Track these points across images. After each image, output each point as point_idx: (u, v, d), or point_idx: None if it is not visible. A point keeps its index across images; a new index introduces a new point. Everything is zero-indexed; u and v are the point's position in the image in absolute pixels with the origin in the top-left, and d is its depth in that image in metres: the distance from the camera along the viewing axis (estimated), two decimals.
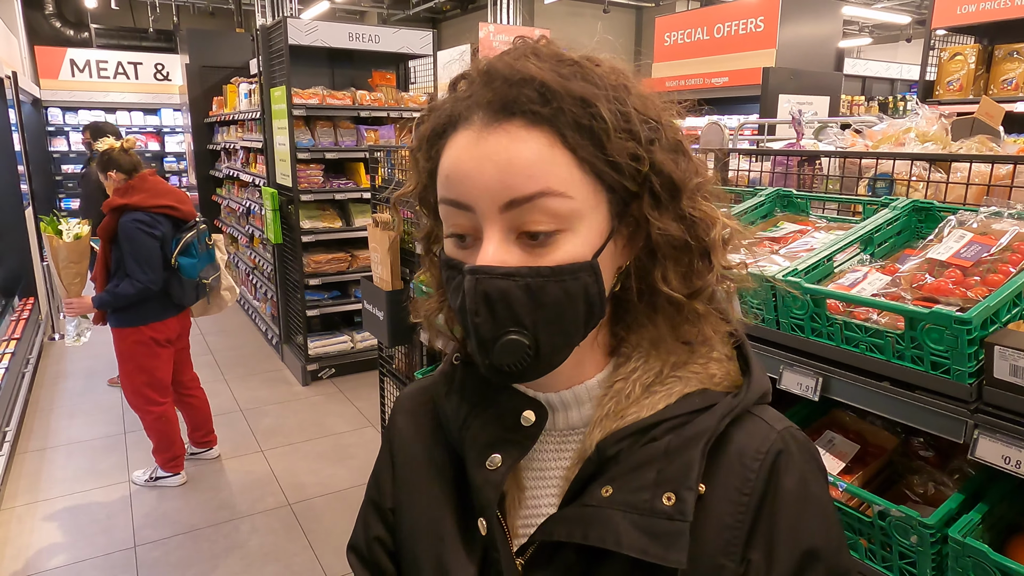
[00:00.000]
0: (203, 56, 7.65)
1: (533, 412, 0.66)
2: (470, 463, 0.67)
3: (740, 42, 6.51)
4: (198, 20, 12.91)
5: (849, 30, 11.21)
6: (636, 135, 0.58)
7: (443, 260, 0.63)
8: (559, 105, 0.56)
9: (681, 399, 0.63)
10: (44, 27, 11.24)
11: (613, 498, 0.60)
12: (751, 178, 2.19)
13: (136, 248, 3.11)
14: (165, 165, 10.73)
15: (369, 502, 0.81)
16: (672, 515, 0.58)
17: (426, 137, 0.63)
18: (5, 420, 3.86)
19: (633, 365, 0.65)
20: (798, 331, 1.31)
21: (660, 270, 0.62)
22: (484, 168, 0.56)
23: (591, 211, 0.58)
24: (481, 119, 0.58)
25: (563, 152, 0.57)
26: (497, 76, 0.58)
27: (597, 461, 0.62)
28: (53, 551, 3.04)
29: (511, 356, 0.58)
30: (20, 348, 4.68)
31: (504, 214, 0.56)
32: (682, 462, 0.60)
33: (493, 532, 0.65)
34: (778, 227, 1.69)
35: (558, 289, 0.57)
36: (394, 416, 0.81)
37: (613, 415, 0.64)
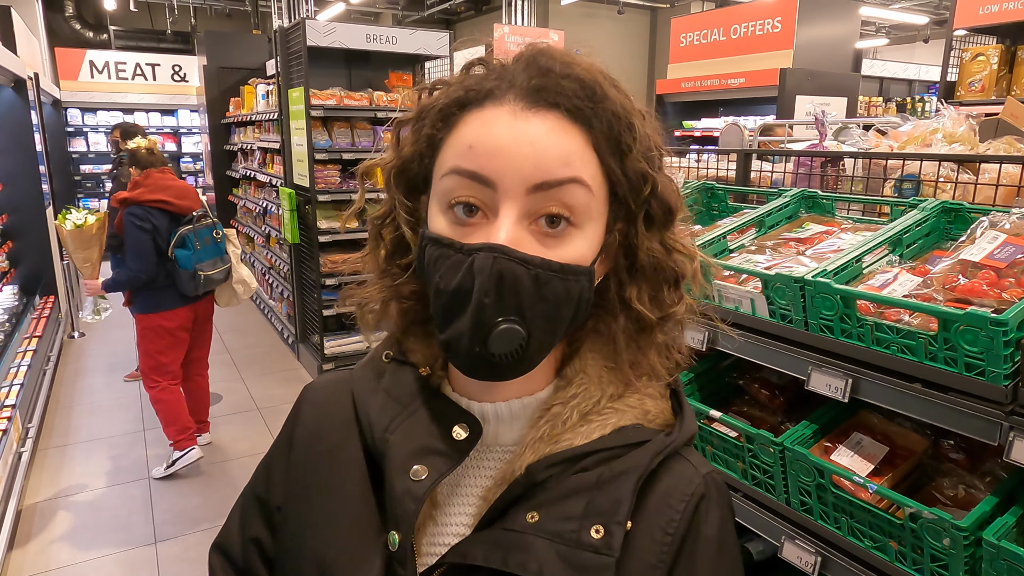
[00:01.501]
0: (220, 57, 7.72)
1: (467, 425, 0.64)
2: (392, 470, 0.62)
3: (757, 43, 6.47)
4: (215, 22, 13.02)
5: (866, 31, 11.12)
6: (650, 159, 0.62)
7: (430, 238, 0.60)
8: (602, 107, 0.59)
9: (615, 431, 0.63)
10: (64, 29, 11.38)
11: (539, 525, 0.59)
12: (773, 179, 2.19)
13: (128, 239, 3.37)
14: (182, 165, 10.81)
15: (252, 497, 0.74)
16: (599, 548, 0.57)
17: (438, 107, 0.62)
18: (28, 416, 3.91)
19: (574, 391, 0.65)
20: (827, 332, 1.30)
21: (637, 290, 0.64)
22: (521, 148, 0.57)
23: (599, 216, 0.61)
24: (518, 101, 0.59)
25: (592, 152, 0.59)
26: (545, 65, 0.60)
27: (524, 484, 0.61)
28: (75, 546, 3.08)
29: (506, 346, 0.57)
30: (41, 346, 4.74)
31: (528, 196, 0.57)
32: (613, 496, 0.59)
33: (405, 548, 0.61)
34: (803, 228, 1.69)
35: (561, 287, 0.58)
36: (299, 407, 0.75)
37: (547, 439, 0.62)
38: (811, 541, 1.37)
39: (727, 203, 2.04)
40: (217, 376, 5.12)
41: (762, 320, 1.43)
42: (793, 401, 1.67)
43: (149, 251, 3.36)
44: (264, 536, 0.72)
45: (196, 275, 3.48)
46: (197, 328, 3.73)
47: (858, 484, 1.24)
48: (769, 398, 1.67)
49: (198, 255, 3.47)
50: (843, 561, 1.31)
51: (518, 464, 0.62)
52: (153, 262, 3.38)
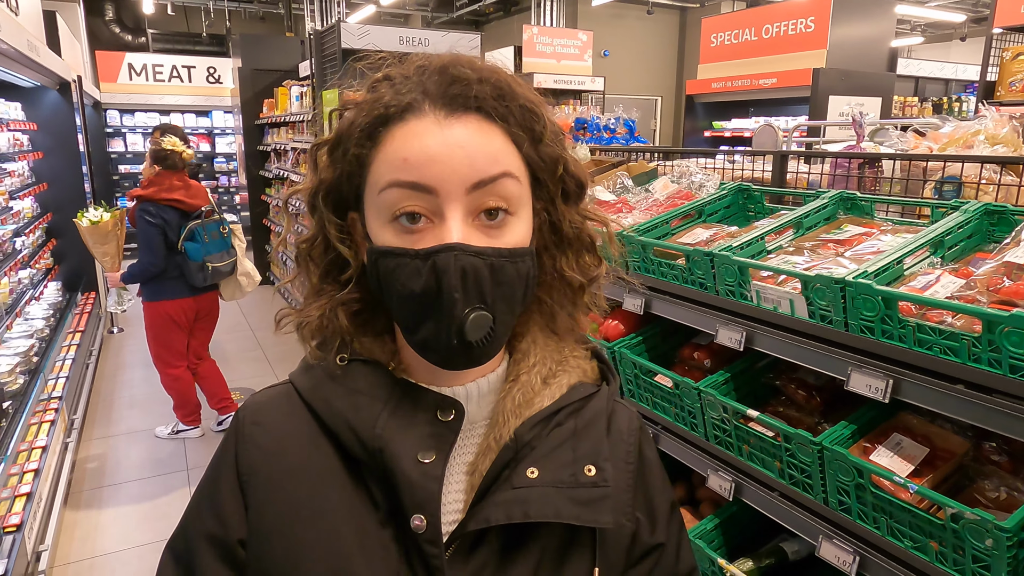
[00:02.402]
0: (254, 60, 7.86)
1: (451, 407, 0.69)
2: (399, 460, 0.64)
3: (789, 43, 6.41)
4: (249, 25, 13.25)
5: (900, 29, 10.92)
6: (559, 141, 0.69)
7: (381, 251, 0.63)
8: (512, 104, 0.65)
9: (570, 389, 0.73)
10: (104, 32, 11.68)
11: (541, 478, 0.66)
12: (810, 181, 2.18)
13: (140, 233, 3.61)
14: (215, 165, 11.03)
15: (203, 539, 0.68)
16: (597, 483, 0.67)
17: (359, 126, 0.65)
18: (73, 408, 4.04)
19: (533, 360, 0.73)
20: (867, 333, 1.31)
21: (566, 259, 0.73)
22: (453, 153, 0.61)
23: (527, 201, 0.67)
24: (439, 110, 0.63)
25: (511, 145, 0.65)
26: (456, 73, 0.64)
27: (515, 447, 0.67)
28: (118, 534, 3.18)
29: (480, 331, 0.62)
30: (84, 340, 4.89)
31: (468, 195, 0.62)
32: (592, 439, 0.70)
33: (435, 528, 0.64)
34: (842, 230, 1.69)
35: (512, 269, 0.64)
36: (243, 430, 0.72)
37: (524, 404, 0.70)
38: (849, 540, 1.38)
39: (763, 204, 2.04)
40: (250, 371, 5.23)
41: (801, 320, 1.44)
42: (829, 402, 1.67)
43: (159, 244, 3.62)
44: None
45: (205, 267, 3.74)
46: (200, 319, 3.98)
47: (898, 484, 1.25)
48: (806, 399, 1.67)
49: (207, 248, 3.73)
50: (882, 561, 1.32)
51: (504, 431, 0.68)
52: (163, 254, 3.64)
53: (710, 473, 1.73)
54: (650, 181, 2.30)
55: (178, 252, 3.67)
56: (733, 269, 1.57)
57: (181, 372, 3.96)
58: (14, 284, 4.24)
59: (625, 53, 11.67)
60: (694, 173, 2.21)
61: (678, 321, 1.83)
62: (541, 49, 8.83)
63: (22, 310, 4.15)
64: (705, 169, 2.35)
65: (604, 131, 3.56)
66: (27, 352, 3.87)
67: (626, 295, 1.97)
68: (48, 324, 4.63)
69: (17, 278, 4.37)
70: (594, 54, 9.61)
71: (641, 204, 2.18)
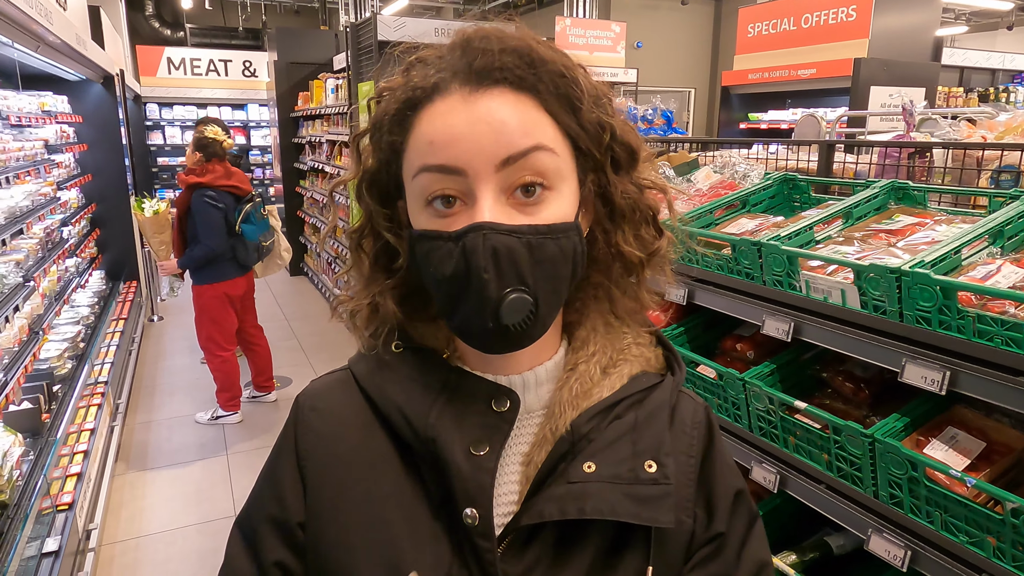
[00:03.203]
0: (289, 53, 7.96)
1: (505, 396, 0.66)
2: (452, 451, 0.63)
3: (830, 32, 6.27)
4: (284, 19, 13.41)
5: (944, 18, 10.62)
6: (602, 106, 0.64)
7: (418, 235, 0.62)
8: (543, 71, 0.61)
9: (632, 380, 0.69)
10: (144, 27, 11.93)
11: (598, 472, 0.63)
12: (857, 171, 2.14)
13: (206, 218, 3.80)
14: (251, 158, 11.21)
15: (266, 522, 0.69)
16: (657, 479, 0.63)
17: (390, 113, 0.64)
18: (117, 393, 4.16)
19: (592, 348, 0.69)
20: (923, 324, 1.28)
21: (621, 234, 0.68)
22: (478, 129, 0.58)
23: (569, 174, 0.63)
24: (464, 86, 0.60)
25: (546, 115, 0.61)
26: (481, 46, 0.61)
27: (571, 439, 0.64)
28: (161, 516, 3.27)
29: (518, 314, 0.59)
30: (127, 328, 5.02)
31: (498, 173, 0.58)
32: (653, 433, 0.66)
33: (487, 521, 0.62)
34: (893, 220, 1.65)
35: (554, 246, 0.60)
36: (301, 416, 0.72)
37: (581, 395, 0.67)
38: (900, 535, 1.35)
39: (809, 194, 2.01)
40: (286, 360, 5.31)
41: (852, 311, 1.42)
42: (877, 395, 1.65)
43: (222, 227, 3.85)
44: (288, 558, 0.67)
45: (260, 247, 4.07)
46: (247, 297, 4.22)
47: (954, 478, 1.23)
48: (854, 391, 1.65)
49: (259, 227, 4.03)
50: (934, 555, 1.29)
51: (560, 422, 0.65)
52: (225, 237, 3.87)
53: (754, 465, 1.72)
54: (692, 171, 2.28)
55: (234, 234, 3.90)
56: (782, 259, 1.55)
57: (230, 356, 4.13)
58: (61, 272, 4.37)
59: (658, 44, 11.53)
60: (737, 163, 2.18)
61: (722, 311, 1.81)
62: (574, 41, 8.77)
63: (69, 297, 4.27)
64: (749, 159, 2.31)
65: (641, 122, 3.53)
66: (74, 338, 3.99)
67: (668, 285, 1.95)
68: (93, 311, 4.76)
69: (64, 266, 4.50)
70: (627, 46, 9.52)
71: (683, 194, 2.16)
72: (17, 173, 3.54)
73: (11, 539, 2.14)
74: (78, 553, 2.63)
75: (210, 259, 3.86)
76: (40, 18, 3.19)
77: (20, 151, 3.79)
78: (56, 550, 2.41)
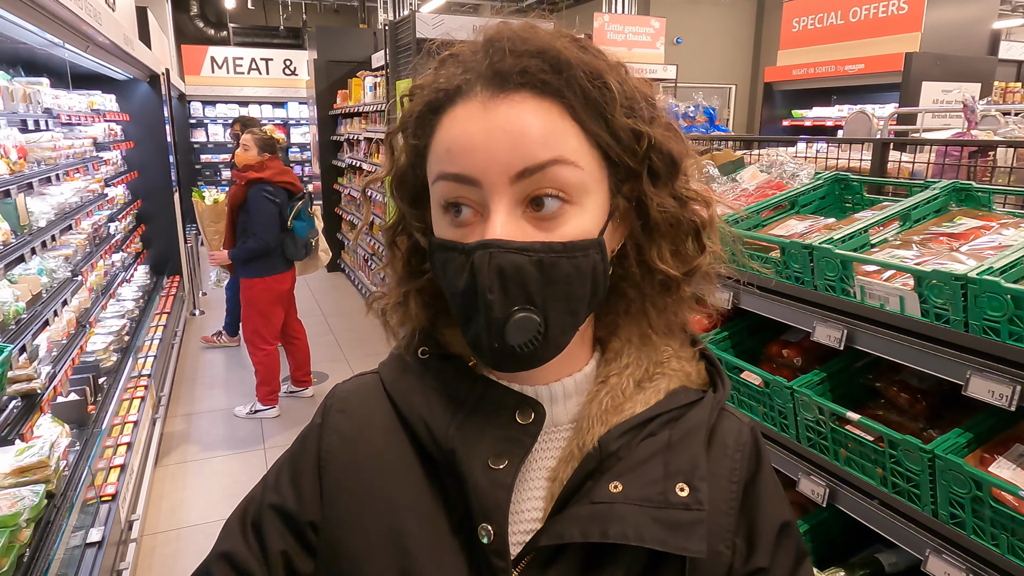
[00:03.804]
0: (329, 52, 8.04)
1: (530, 408, 0.63)
2: (469, 465, 0.60)
3: (880, 26, 6.07)
4: (324, 18, 13.58)
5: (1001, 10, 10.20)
6: (638, 112, 0.59)
7: (436, 244, 0.61)
8: (569, 75, 0.56)
9: (669, 395, 0.64)
10: (189, 27, 12.19)
11: (625, 493, 0.59)
12: (913, 171, 2.05)
13: (261, 212, 3.91)
14: (290, 155, 11.39)
15: (272, 509, 0.66)
16: (689, 505, 0.59)
17: (415, 114, 0.61)
18: (160, 385, 4.25)
19: (626, 360, 0.65)
20: (991, 334, 1.20)
21: (656, 249, 0.63)
22: (494, 138, 0.55)
23: (596, 186, 0.58)
24: (485, 90, 0.57)
25: (572, 123, 0.57)
26: (502, 47, 0.58)
27: (599, 457, 0.61)
28: (200, 508, 3.33)
29: (523, 335, 0.56)
30: (170, 321, 5.13)
31: (514, 185, 0.55)
32: (688, 454, 0.61)
33: (502, 539, 0.59)
34: (955, 223, 1.57)
35: (569, 266, 0.56)
36: (328, 416, 0.70)
37: (611, 410, 0.63)
38: (961, 557, 1.28)
39: (862, 195, 1.93)
40: (322, 356, 5.37)
41: (912, 319, 1.35)
42: (935, 407, 1.57)
43: (276, 222, 3.96)
44: (295, 553, 0.65)
45: (308, 243, 4.16)
46: (291, 292, 4.32)
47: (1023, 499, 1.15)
48: (910, 402, 1.57)
49: (308, 224, 4.13)
50: None
51: (587, 438, 0.62)
52: (278, 232, 3.98)
53: (801, 477, 1.65)
54: (737, 171, 2.21)
55: (284, 230, 4.02)
56: (835, 263, 1.48)
57: (274, 350, 4.23)
58: (108, 267, 4.48)
59: (698, 40, 11.35)
60: (785, 162, 2.10)
61: (769, 317, 1.75)
62: (612, 37, 8.67)
63: (115, 291, 4.37)
64: (796, 158, 2.23)
65: (683, 119, 3.45)
66: (120, 331, 4.08)
67: None
68: (138, 305, 4.88)
69: (111, 261, 4.61)
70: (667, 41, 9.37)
71: (728, 194, 2.09)
72: (67, 170, 3.63)
73: (57, 528, 2.19)
74: (120, 543, 2.69)
75: (262, 253, 3.96)
76: (89, 19, 3.26)
77: (70, 149, 3.89)
78: (99, 540, 2.47)
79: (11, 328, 2.43)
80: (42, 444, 2.47)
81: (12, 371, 2.43)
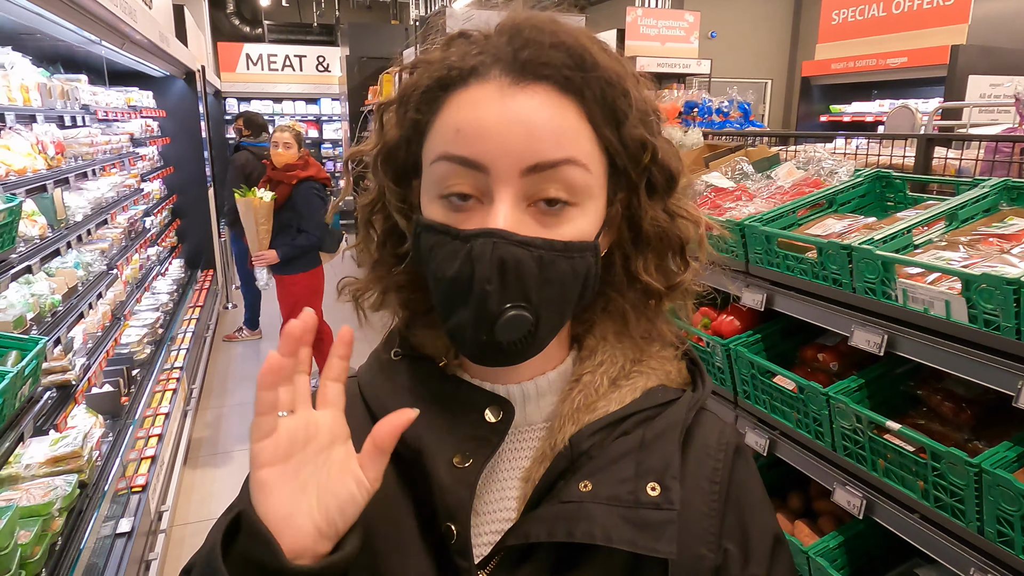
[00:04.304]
0: (361, 48, 8.09)
1: (499, 407, 0.62)
2: (434, 464, 0.60)
3: (924, 18, 5.86)
4: (356, 15, 13.68)
5: None
6: (648, 124, 0.59)
7: (425, 225, 0.58)
8: (593, 76, 0.56)
9: (645, 394, 0.64)
10: (225, 25, 12.40)
11: (594, 492, 0.58)
12: (960, 168, 1.95)
13: (312, 209, 3.95)
14: (322, 151, 11.50)
15: None
16: (659, 504, 0.57)
17: (420, 89, 0.59)
18: (192, 378, 4.32)
19: (600, 358, 0.65)
20: None
21: (643, 261, 0.63)
22: (511, 128, 0.54)
23: (599, 190, 0.58)
24: (504, 76, 0.55)
25: (587, 125, 0.56)
26: (529, 35, 0.56)
27: (570, 456, 0.60)
28: (229, 501, 3.34)
29: (515, 332, 0.55)
30: (203, 315, 5.21)
31: (523, 179, 0.54)
32: (660, 453, 0.60)
33: (464, 538, 0.58)
34: (1006, 223, 1.49)
35: (566, 266, 0.56)
36: None
37: (584, 408, 0.62)
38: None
39: (905, 193, 1.84)
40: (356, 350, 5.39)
41: (958, 325, 1.28)
42: (981, 417, 1.49)
43: (323, 218, 4.00)
44: None
45: (341, 234, 4.28)
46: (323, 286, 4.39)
47: None
48: (954, 411, 1.49)
49: (337, 217, 4.24)
50: None
51: (559, 437, 0.61)
52: (325, 227, 4.07)
53: (836, 487, 1.59)
54: (772, 167, 2.14)
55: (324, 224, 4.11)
56: (876, 264, 1.41)
57: None
58: (143, 260, 4.56)
59: (733, 34, 11.13)
60: (823, 159, 2.03)
61: (804, 319, 1.68)
62: (645, 32, 8.56)
63: (150, 285, 4.45)
64: (835, 154, 2.15)
65: (716, 114, 3.37)
66: (154, 324, 4.15)
67: (745, 289, 1.84)
68: (172, 298, 4.96)
69: (146, 255, 4.70)
70: (701, 35, 9.22)
71: (763, 192, 2.02)
72: (103, 165, 3.70)
73: (88, 518, 2.22)
74: (150, 534, 2.73)
75: (309, 249, 4.04)
76: (125, 16, 3.31)
77: (107, 144, 3.97)
78: (129, 530, 2.51)
79: (47, 320, 2.48)
80: (76, 434, 2.52)
81: (47, 363, 2.48)
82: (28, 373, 1.87)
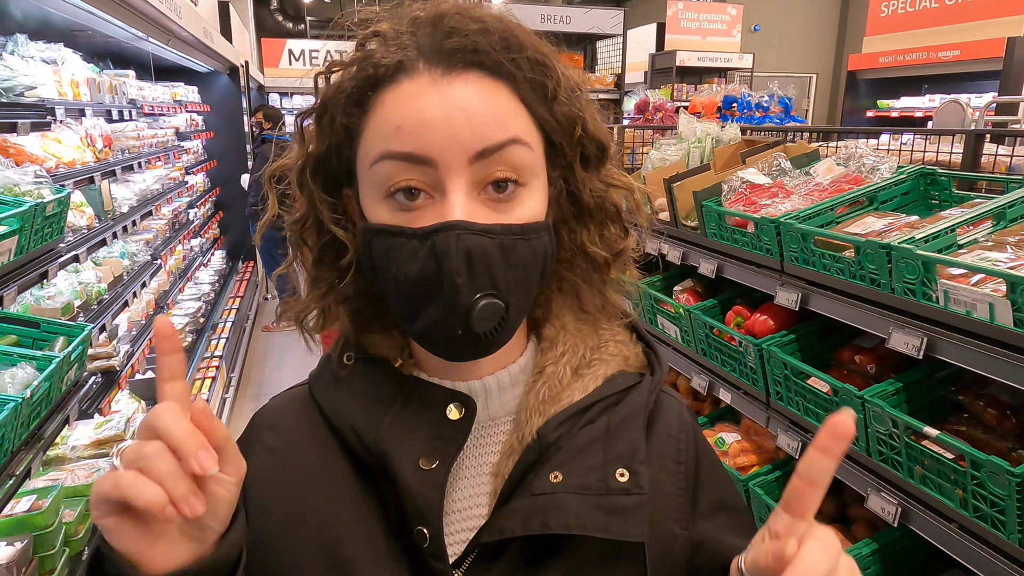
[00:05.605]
0: None
1: (461, 404, 0.62)
2: (400, 468, 0.58)
3: (979, 9, 5.64)
4: None
5: None
6: (576, 99, 0.60)
7: (375, 230, 0.57)
8: (520, 57, 0.56)
9: (607, 381, 0.64)
10: (269, 21, 12.64)
11: (565, 483, 0.58)
12: (1011, 165, 1.88)
13: None
14: None
15: None
16: (629, 489, 0.58)
17: (346, 91, 0.57)
18: (231, 366, 4.43)
19: (561, 348, 0.65)
20: None
21: (587, 232, 0.64)
22: (453, 117, 0.53)
23: (541, 169, 0.59)
24: (434, 67, 0.55)
25: (521, 106, 0.57)
26: (453, 24, 0.56)
27: (538, 448, 0.60)
28: None
29: (489, 322, 0.55)
30: (243, 305, 5.34)
31: (472, 166, 0.54)
32: (627, 439, 0.61)
33: (437, 541, 0.57)
34: None
35: (527, 248, 0.56)
36: (255, 435, 0.67)
37: (549, 399, 0.62)
38: None
39: (950, 191, 1.78)
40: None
41: (1003, 329, 1.23)
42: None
43: None
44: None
45: None
46: None
47: None
48: (997, 419, 1.44)
49: None
50: None
51: (527, 430, 0.61)
52: None
53: (870, 493, 1.54)
54: (811, 163, 2.08)
55: None
56: (916, 265, 1.37)
57: None
58: (187, 251, 4.69)
59: (777, 27, 10.88)
60: (865, 155, 1.96)
61: (840, 320, 1.64)
62: (686, 25, 8.44)
63: (192, 275, 4.58)
64: (878, 150, 2.09)
65: (756, 110, 3.31)
66: (196, 313, 4.27)
67: (779, 288, 1.80)
68: (213, 288, 5.10)
69: (190, 246, 4.83)
70: (743, 29, 9.04)
71: (800, 189, 1.97)
72: (149, 158, 3.81)
73: None
74: None
75: None
76: (171, 13, 3.40)
77: (153, 138, 4.09)
78: None
79: (93, 308, 2.57)
80: (119, 418, 2.61)
81: (92, 349, 2.57)
82: (74, 358, 1.94)
